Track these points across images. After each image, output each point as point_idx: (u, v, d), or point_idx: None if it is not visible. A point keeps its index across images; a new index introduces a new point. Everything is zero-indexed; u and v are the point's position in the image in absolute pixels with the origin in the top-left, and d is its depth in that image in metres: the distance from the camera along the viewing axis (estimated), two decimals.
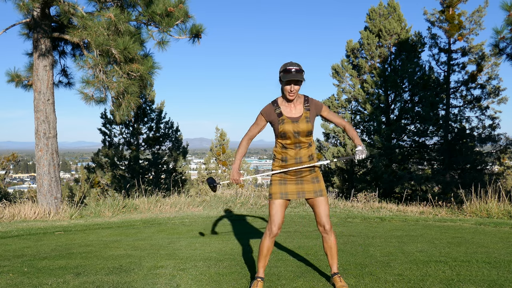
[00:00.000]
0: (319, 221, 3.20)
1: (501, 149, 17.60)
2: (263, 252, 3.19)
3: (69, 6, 7.87)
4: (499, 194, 7.70)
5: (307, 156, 3.17)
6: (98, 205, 8.76)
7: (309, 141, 3.18)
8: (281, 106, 3.16)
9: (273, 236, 3.19)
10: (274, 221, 3.16)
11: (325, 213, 3.18)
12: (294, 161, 3.16)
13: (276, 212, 3.16)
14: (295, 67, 3.04)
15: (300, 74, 3.03)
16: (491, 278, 3.41)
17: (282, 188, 3.19)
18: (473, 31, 17.32)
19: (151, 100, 19.07)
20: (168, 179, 18.26)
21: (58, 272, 3.82)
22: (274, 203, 3.18)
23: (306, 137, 3.15)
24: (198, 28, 8.70)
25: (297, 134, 3.12)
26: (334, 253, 3.24)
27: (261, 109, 3.21)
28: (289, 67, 3.04)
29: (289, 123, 3.11)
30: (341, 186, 18.60)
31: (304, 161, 3.16)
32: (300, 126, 3.11)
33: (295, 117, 3.12)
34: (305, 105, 3.16)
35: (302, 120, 3.11)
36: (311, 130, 3.15)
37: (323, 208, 3.18)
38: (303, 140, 3.14)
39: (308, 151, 3.18)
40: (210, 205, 9.23)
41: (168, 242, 5.28)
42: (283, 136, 3.14)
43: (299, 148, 3.16)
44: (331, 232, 3.21)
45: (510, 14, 7.52)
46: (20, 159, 32.55)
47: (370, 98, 18.11)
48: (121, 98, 8.34)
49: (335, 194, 10.84)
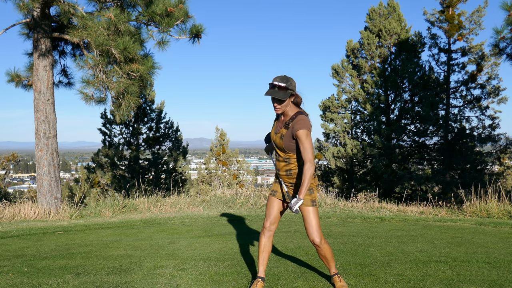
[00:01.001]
0: (307, 233, 3.11)
1: (501, 149, 17.60)
2: (260, 248, 3.24)
3: (69, 6, 7.87)
4: (499, 194, 7.70)
5: (284, 170, 3.17)
6: (98, 205, 8.76)
7: (287, 157, 3.13)
8: (281, 115, 3.21)
9: (268, 232, 3.20)
10: (267, 215, 3.26)
11: (311, 225, 3.06)
12: (276, 170, 3.28)
13: (269, 207, 3.25)
14: (281, 83, 2.96)
15: (282, 91, 2.96)
16: (491, 278, 3.41)
17: (277, 186, 3.28)
18: (473, 31, 17.32)
19: (151, 100, 19.07)
20: (168, 179, 18.26)
21: (58, 272, 3.82)
22: (268, 198, 3.30)
23: (281, 151, 3.14)
24: (198, 28, 8.70)
25: (275, 145, 3.20)
26: (330, 260, 3.22)
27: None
28: (274, 82, 2.99)
29: (273, 132, 3.22)
30: (341, 186, 18.60)
31: (282, 174, 3.19)
32: (277, 139, 3.15)
33: (277, 129, 3.18)
34: (286, 123, 3.08)
35: (278, 135, 3.14)
36: (283, 147, 3.08)
37: (308, 220, 3.08)
38: (280, 154, 3.18)
39: (286, 166, 3.16)
40: (210, 205, 9.23)
41: (168, 242, 5.28)
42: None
43: (278, 160, 3.21)
44: (322, 244, 3.09)
45: (510, 14, 7.52)
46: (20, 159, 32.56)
47: (370, 98, 18.11)
48: (121, 98, 8.34)
49: (335, 194, 10.84)
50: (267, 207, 3.27)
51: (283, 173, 3.19)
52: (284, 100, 3.00)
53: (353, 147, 17.70)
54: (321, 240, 3.08)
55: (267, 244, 3.22)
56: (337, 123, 18.89)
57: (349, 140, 18.10)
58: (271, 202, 3.26)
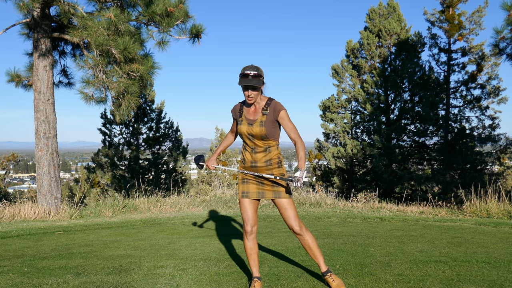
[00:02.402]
0: (287, 223, 3.18)
1: (501, 149, 17.60)
2: (247, 252, 3.23)
3: (69, 6, 7.87)
4: (499, 194, 7.70)
5: (264, 161, 3.15)
6: (98, 205, 8.76)
7: (267, 145, 3.14)
8: (245, 107, 3.19)
9: (250, 235, 3.20)
10: (245, 220, 3.20)
11: (288, 215, 3.14)
12: (250, 164, 3.18)
13: (245, 211, 3.19)
14: (253, 71, 3.02)
15: (256, 79, 3.02)
16: (491, 278, 3.41)
17: (245, 187, 3.22)
18: (473, 31, 17.32)
19: (151, 100, 19.07)
20: (168, 179, 18.26)
21: (58, 272, 3.82)
22: (241, 202, 3.23)
23: (262, 140, 3.12)
24: (198, 28, 8.70)
25: (251, 136, 3.14)
26: (316, 251, 3.19)
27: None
28: (246, 71, 3.04)
29: (245, 125, 3.14)
30: (341, 186, 18.60)
31: (260, 165, 3.15)
32: (254, 129, 3.11)
33: (252, 120, 3.13)
34: (263, 109, 3.12)
35: (256, 124, 3.11)
36: (265, 134, 3.09)
37: (286, 211, 3.14)
38: (258, 144, 3.14)
39: (265, 156, 3.15)
40: (210, 205, 9.23)
41: (168, 242, 5.28)
42: (241, 137, 3.21)
43: (254, 152, 3.16)
44: (304, 233, 3.16)
45: (510, 14, 7.52)
46: (20, 159, 32.55)
47: (370, 98, 18.11)
48: (121, 98, 8.34)
49: (335, 194, 10.84)
50: (243, 212, 3.20)
51: (262, 164, 3.14)
52: (259, 88, 3.06)
53: (353, 147, 17.70)
54: (302, 228, 3.16)
55: (253, 246, 3.22)
56: (337, 123, 18.89)
57: (349, 140, 18.09)
58: (245, 205, 3.20)
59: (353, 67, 18.93)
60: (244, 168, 3.22)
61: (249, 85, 3.01)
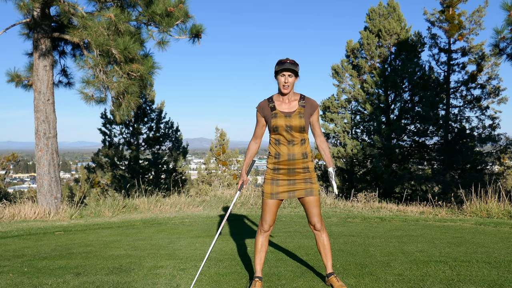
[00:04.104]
0: (310, 220, 3.23)
1: (501, 149, 17.60)
2: (257, 248, 3.24)
3: (69, 6, 7.87)
4: (499, 194, 7.70)
5: (300, 153, 3.13)
6: (98, 205, 8.76)
7: (302, 137, 3.15)
8: (276, 101, 3.17)
9: (266, 233, 3.23)
10: (265, 219, 3.20)
11: (315, 212, 3.19)
12: (286, 158, 3.12)
13: (268, 212, 3.19)
14: (290, 60, 3.08)
15: (294, 65, 3.05)
16: (491, 278, 3.41)
17: (274, 188, 3.18)
18: (473, 31, 17.32)
19: (151, 100, 19.07)
20: (168, 179, 18.26)
21: (58, 272, 3.82)
22: (266, 203, 3.20)
23: (299, 133, 3.12)
24: (198, 28, 8.70)
25: (289, 128, 3.10)
26: (328, 252, 3.25)
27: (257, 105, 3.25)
28: (283, 59, 3.09)
29: (281, 118, 3.11)
30: (341, 186, 18.60)
31: (297, 158, 3.12)
32: (293, 121, 3.10)
33: (288, 112, 3.12)
34: (301, 102, 3.15)
35: (295, 115, 3.11)
36: (303, 126, 3.11)
37: (313, 208, 3.18)
38: (296, 136, 3.12)
39: (302, 148, 3.14)
40: (210, 205, 9.23)
41: (168, 242, 5.28)
42: (276, 131, 3.13)
43: (292, 145, 3.12)
44: (322, 231, 3.24)
45: (510, 14, 7.51)
46: (20, 159, 32.55)
47: (370, 98, 18.11)
48: (121, 98, 8.34)
49: (335, 194, 10.83)
50: (266, 212, 3.19)
51: (299, 157, 3.13)
52: (297, 73, 3.10)
53: (353, 147, 17.69)
54: (322, 226, 3.24)
55: (264, 244, 3.24)
56: (337, 123, 18.89)
57: (349, 140, 18.09)
58: (270, 206, 3.19)
59: (353, 67, 18.93)
60: (279, 163, 3.15)
61: (288, 68, 3.01)
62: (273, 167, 3.18)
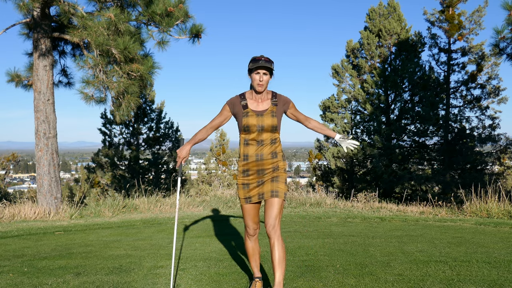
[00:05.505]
0: (266, 221, 2.98)
1: (501, 149, 17.60)
2: (249, 253, 3.21)
3: (69, 6, 7.87)
4: (499, 194, 7.70)
5: (270, 153, 3.05)
6: (98, 205, 8.76)
7: (273, 137, 3.06)
8: (248, 99, 3.08)
9: (252, 237, 3.17)
10: (248, 224, 3.13)
11: (272, 214, 2.96)
12: (254, 159, 3.03)
13: (248, 216, 3.12)
14: (265, 58, 2.98)
15: (269, 63, 2.96)
16: (491, 278, 3.41)
17: (246, 192, 3.09)
18: (473, 31, 17.32)
19: (151, 100, 19.07)
20: (168, 179, 18.26)
21: (58, 272, 3.82)
22: (243, 208, 3.13)
23: (271, 132, 3.04)
24: (198, 28, 8.70)
25: (260, 128, 3.02)
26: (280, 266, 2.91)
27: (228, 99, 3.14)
28: (258, 57, 2.99)
29: (253, 117, 3.02)
30: (341, 186, 18.59)
31: (266, 158, 3.03)
32: (265, 120, 3.01)
33: (260, 111, 3.04)
34: (273, 100, 3.07)
35: (267, 114, 3.03)
36: (276, 125, 3.03)
37: (273, 209, 2.97)
38: (266, 137, 3.04)
39: (271, 148, 3.06)
40: (210, 205, 9.23)
41: (168, 242, 5.28)
42: (247, 130, 3.04)
43: (261, 145, 3.04)
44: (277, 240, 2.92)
45: (510, 14, 7.51)
46: (20, 159, 32.55)
47: (370, 98, 18.11)
48: (121, 98, 8.34)
49: (335, 194, 10.84)
50: (246, 217, 3.11)
51: (268, 157, 3.03)
52: (270, 74, 3.00)
53: None
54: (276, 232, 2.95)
55: (255, 247, 3.20)
56: (337, 123, 18.89)
57: None
58: (248, 210, 3.10)
59: (353, 67, 18.93)
60: (248, 164, 3.06)
61: (262, 66, 2.92)
62: (242, 169, 3.09)
